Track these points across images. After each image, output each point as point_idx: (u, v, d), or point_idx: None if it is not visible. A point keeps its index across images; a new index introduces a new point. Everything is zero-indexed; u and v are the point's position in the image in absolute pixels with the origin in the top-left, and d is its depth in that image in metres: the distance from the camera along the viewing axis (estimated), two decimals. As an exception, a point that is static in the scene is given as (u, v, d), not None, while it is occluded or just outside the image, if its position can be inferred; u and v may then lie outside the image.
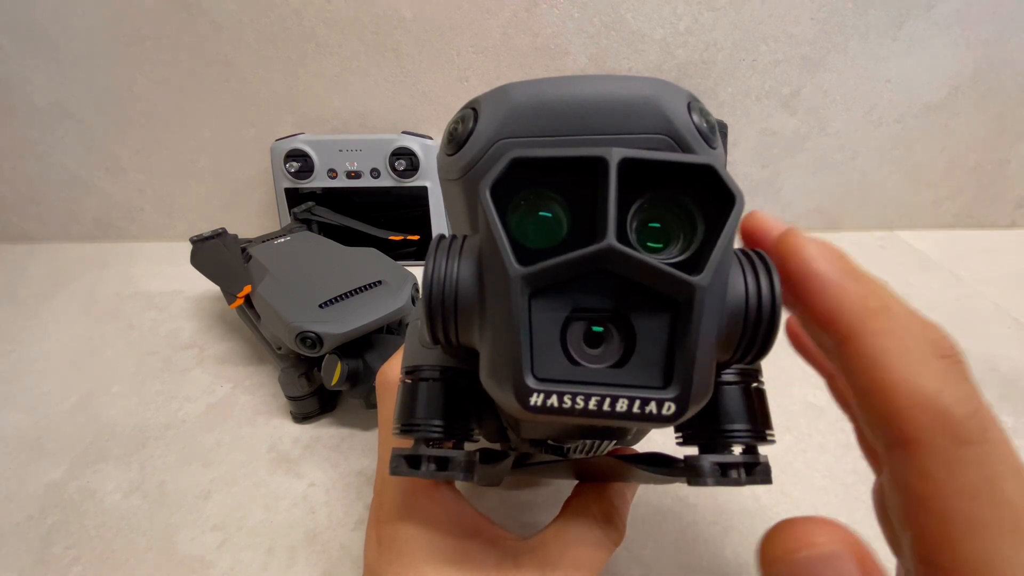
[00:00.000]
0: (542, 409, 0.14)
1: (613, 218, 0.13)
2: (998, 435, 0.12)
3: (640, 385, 0.14)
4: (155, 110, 0.59)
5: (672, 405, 0.13)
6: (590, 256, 0.14)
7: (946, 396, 0.12)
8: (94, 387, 0.42)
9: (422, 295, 0.16)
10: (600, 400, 0.14)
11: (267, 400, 0.40)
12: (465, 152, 0.17)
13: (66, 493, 0.33)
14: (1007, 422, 0.36)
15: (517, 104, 0.16)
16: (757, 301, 0.15)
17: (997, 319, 0.47)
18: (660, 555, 0.28)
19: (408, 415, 0.19)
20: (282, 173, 0.56)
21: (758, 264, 0.15)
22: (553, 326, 0.14)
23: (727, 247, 0.13)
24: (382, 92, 0.56)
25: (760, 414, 0.17)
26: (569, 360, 0.14)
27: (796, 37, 0.53)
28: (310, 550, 0.29)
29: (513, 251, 0.14)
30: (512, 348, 0.14)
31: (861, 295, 0.14)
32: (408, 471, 0.18)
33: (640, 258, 0.13)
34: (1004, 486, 0.12)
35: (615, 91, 0.16)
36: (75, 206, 0.65)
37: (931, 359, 0.13)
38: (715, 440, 0.17)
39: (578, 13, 0.52)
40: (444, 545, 0.20)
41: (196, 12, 0.53)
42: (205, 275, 0.44)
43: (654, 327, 0.14)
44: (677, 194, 0.14)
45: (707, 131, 0.16)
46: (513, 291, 0.14)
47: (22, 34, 0.55)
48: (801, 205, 0.63)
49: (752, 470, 0.16)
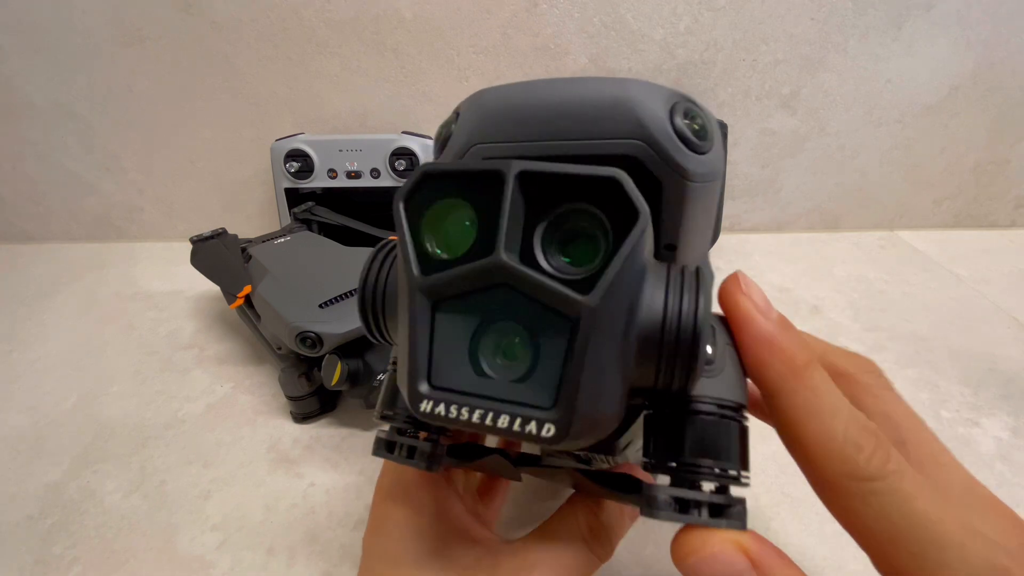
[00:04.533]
0: (430, 416, 0.14)
1: (505, 233, 0.13)
2: (895, 466, 0.15)
3: (529, 404, 0.14)
4: (155, 110, 0.59)
5: (552, 427, 0.13)
6: (481, 270, 0.14)
7: (848, 446, 0.15)
8: (94, 387, 0.42)
9: (357, 293, 0.17)
10: (484, 414, 0.14)
11: (267, 400, 0.40)
12: (445, 155, 0.17)
13: (66, 493, 0.33)
14: (1007, 422, 0.36)
15: (489, 110, 0.16)
16: (676, 321, 0.14)
17: (997, 319, 0.47)
18: (660, 555, 0.28)
19: (388, 404, 0.20)
20: (282, 173, 0.56)
21: (688, 282, 0.14)
22: (462, 336, 0.14)
23: (625, 265, 0.13)
24: (382, 92, 0.56)
25: (734, 452, 0.15)
26: (476, 369, 0.14)
27: (796, 37, 0.53)
28: (310, 550, 0.29)
29: (424, 260, 0.14)
30: (409, 354, 0.14)
31: (789, 351, 0.16)
32: (385, 454, 0.19)
33: (528, 274, 0.13)
34: (913, 505, 0.14)
35: (584, 94, 0.15)
36: (75, 206, 0.65)
37: (839, 408, 0.15)
38: (681, 473, 0.15)
39: (578, 13, 0.52)
40: (429, 534, 0.20)
41: (196, 12, 0.53)
42: (205, 275, 0.44)
43: (555, 345, 0.14)
44: (588, 207, 0.14)
45: (693, 135, 0.15)
46: (412, 299, 0.14)
47: (22, 34, 0.55)
48: (801, 205, 0.63)
49: (721, 511, 0.15)
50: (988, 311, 0.49)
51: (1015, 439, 0.35)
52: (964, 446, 0.34)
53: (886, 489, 0.14)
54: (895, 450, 0.15)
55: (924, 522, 0.14)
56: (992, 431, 0.35)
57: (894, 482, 0.14)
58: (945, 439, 0.18)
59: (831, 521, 0.16)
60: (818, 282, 0.54)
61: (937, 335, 0.45)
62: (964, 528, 0.14)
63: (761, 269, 0.57)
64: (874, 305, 0.50)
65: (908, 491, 0.14)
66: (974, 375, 0.40)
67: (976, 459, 0.33)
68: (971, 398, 0.38)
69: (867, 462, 0.15)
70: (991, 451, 0.34)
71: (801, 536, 0.29)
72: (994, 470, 0.33)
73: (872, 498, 0.14)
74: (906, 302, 0.50)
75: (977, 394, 0.39)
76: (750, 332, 0.16)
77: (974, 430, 0.35)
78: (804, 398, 0.15)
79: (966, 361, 0.42)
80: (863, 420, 0.15)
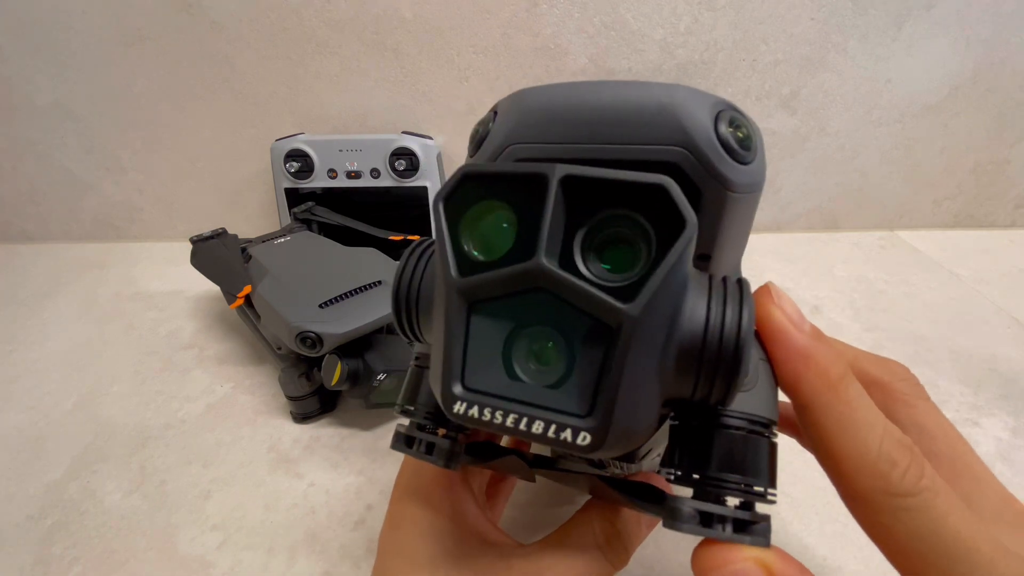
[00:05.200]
0: (463, 418, 0.14)
1: (546, 236, 0.13)
2: (929, 482, 0.15)
3: (563, 410, 0.14)
4: (155, 110, 0.59)
5: (588, 436, 0.13)
6: (520, 273, 0.13)
7: (883, 462, 0.15)
8: (94, 387, 0.42)
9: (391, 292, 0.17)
10: (518, 419, 0.14)
11: (267, 400, 0.40)
12: (481, 154, 0.17)
13: (66, 493, 0.33)
14: (1007, 422, 0.36)
15: (529, 109, 0.16)
16: (718, 333, 0.14)
17: (997, 319, 0.47)
18: (660, 555, 0.28)
19: (409, 399, 0.20)
20: (282, 173, 0.56)
21: (731, 292, 0.14)
22: (496, 339, 0.14)
23: (670, 274, 0.12)
24: (382, 92, 0.56)
25: (763, 469, 0.15)
26: (509, 373, 0.14)
27: (796, 37, 0.53)
28: (310, 550, 0.29)
29: (462, 261, 0.14)
30: (444, 355, 0.14)
31: (823, 364, 0.16)
32: (403, 448, 0.19)
33: (568, 280, 0.13)
34: (947, 523, 0.14)
35: (629, 98, 0.15)
36: (75, 206, 0.65)
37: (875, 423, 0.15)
38: (706, 486, 0.15)
39: (578, 13, 0.52)
40: (445, 534, 0.20)
41: (196, 12, 0.53)
42: (205, 275, 0.44)
43: (592, 352, 0.13)
44: (632, 213, 0.13)
45: (738, 145, 0.15)
46: (448, 299, 0.14)
47: (22, 34, 0.55)
48: (801, 205, 0.63)
49: (745, 527, 0.15)
50: (988, 311, 0.49)
51: (1015, 439, 0.35)
52: (964, 446, 0.34)
53: (919, 505, 0.14)
54: (929, 466, 0.15)
55: (955, 540, 0.14)
56: (992, 431, 0.35)
57: (927, 499, 0.14)
58: (945, 439, 0.18)
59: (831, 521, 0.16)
60: (818, 282, 0.54)
61: (937, 335, 0.45)
62: (995, 547, 0.14)
63: (761, 269, 0.57)
64: (874, 305, 0.50)
65: (941, 508, 0.14)
66: (974, 375, 0.40)
67: (976, 459, 0.33)
68: (971, 398, 0.38)
69: (901, 478, 0.14)
70: (991, 451, 0.34)
71: (801, 536, 0.29)
72: (994, 470, 0.32)
73: (904, 514, 0.14)
74: (906, 302, 0.50)
75: (977, 394, 0.39)
76: (784, 345, 0.16)
77: (974, 430, 0.35)
78: (839, 412, 0.15)
79: (966, 361, 0.42)
80: (898, 435, 0.15)
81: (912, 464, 0.15)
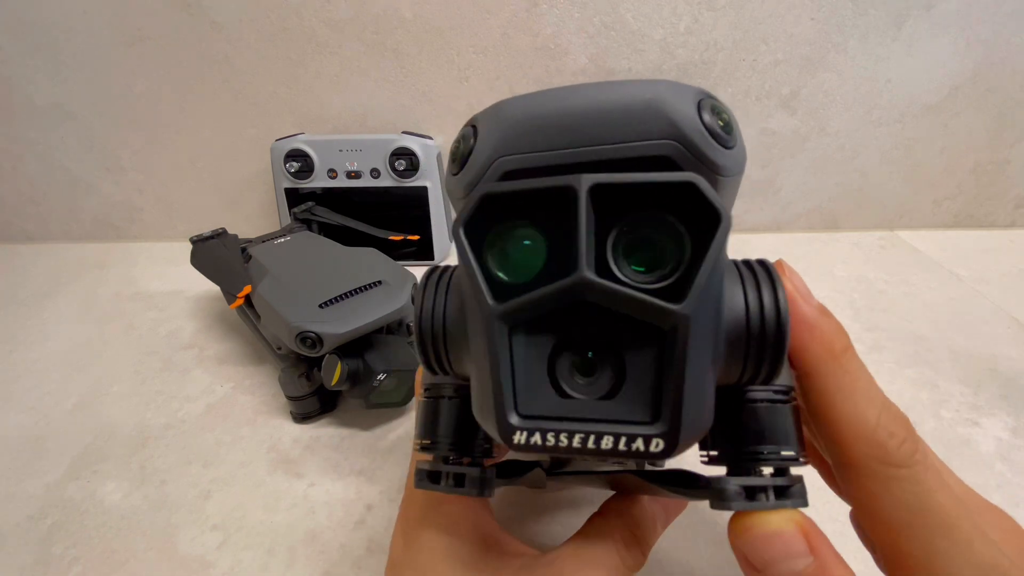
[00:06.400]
0: (526, 447, 0.14)
1: (584, 250, 0.13)
2: (923, 458, 0.15)
3: (627, 420, 0.13)
4: (155, 110, 0.59)
5: (660, 442, 0.13)
6: (565, 289, 0.13)
7: (881, 431, 0.15)
8: (94, 387, 0.42)
9: (414, 329, 0.16)
10: (584, 437, 0.13)
11: (267, 400, 0.40)
12: (467, 171, 0.17)
13: (66, 493, 0.33)
14: (1007, 422, 0.36)
15: (513, 120, 0.16)
16: (760, 316, 0.14)
17: (997, 319, 0.47)
18: (660, 555, 0.28)
19: (428, 432, 0.19)
20: (282, 173, 0.56)
21: (761, 275, 0.15)
22: (539, 359, 0.14)
23: (713, 269, 0.13)
24: (382, 92, 0.56)
25: (792, 434, 0.16)
26: (559, 392, 0.14)
27: (796, 37, 0.53)
28: (310, 550, 0.29)
29: (492, 286, 0.14)
30: (494, 386, 0.14)
31: (828, 335, 0.16)
32: (430, 485, 0.18)
33: (617, 289, 0.13)
34: (934, 497, 0.15)
35: (613, 98, 0.15)
36: (75, 206, 0.65)
37: (875, 395, 0.16)
38: (741, 461, 0.15)
39: (578, 13, 0.52)
40: (463, 552, 0.20)
41: (196, 12, 0.53)
42: (205, 275, 0.44)
43: (643, 357, 0.13)
44: (661, 214, 0.13)
45: (721, 131, 0.15)
46: (491, 329, 0.14)
47: (22, 34, 0.55)
48: (801, 205, 0.63)
49: (784, 492, 0.15)
50: (988, 311, 0.49)
51: (1015, 439, 0.35)
52: (964, 446, 0.34)
53: (910, 477, 0.15)
54: (923, 442, 0.16)
55: (939, 514, 0.15)
56: (992, 431, 0.35)
57: (919, 472, 0.15)
58: (945, 439, 0.18)
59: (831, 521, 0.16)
60: (818, 282, 0.54)
61: (937, 335, 0.45)
62: (974, 527, 0.15)
63: (761, 269, 0.57)
64: (874, 305, 0.50)
65: (930, 483, 0.15)
66: (974, 375, 0.40)
67: (976, 459, 0.33)
68: (971, 398, 0.38)
69: (897, 448, 0.15)
70: (991, 451, 0.34)
71: (801, 536, 0.29)
72: (994, 470, 0.33)
73: (895, 484, 0.15)
74: (906, 302, 0.50)
75: (977, 394, 0.39)
76: (793, 315, 0.16)
77: (974, 430, 0.35)
78: (841, 380, 0.16)
79: (966, 361, 0.42)
80: (896, 409, 0.16)
81: (908, 438, 0.15)
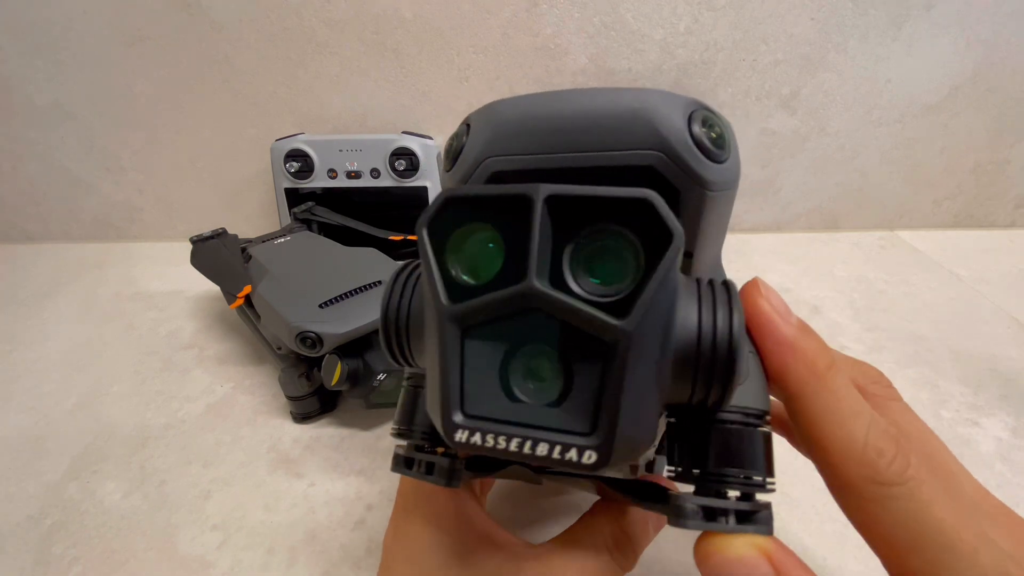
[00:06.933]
0: (466, 445, 0.14)
1: (536, 258, 0.13)
2: (915, 472, 0.15)
3: (567, 430, 0.13)
4: (155, 110, 0.59)
5: (593, 454, 0.13)
6: (514, 296, 0.13)
7: (870, 450, 0.15)
8: (94, 387, 0.42)
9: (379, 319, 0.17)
10: (521, 442, 0.13)
11: (267, 400, 0.40)
12: (458, 168, 0.17)
13: (66, 493, 0.33)
14: (1007, 422, 0.36)
15: (503, 121, 0.16)
16: (711, 337, 0.14)
17: (997, 319, 0.47)
18: (660, 555, 0.28)
19: (404, 420, 0.19)
20: (282, 173, 0.56)
21: (719, 296, 0.14)
22: (491, 361, 0.14)
23: (660, 286, 0.13)
24: (382, 92, 0.56)
25: (760, 460, 0.16)
26: (508, 395, 0.14)
27: (796, 37, 0.53)
28: (310, 550, 0.29)
29: (451, 286, 0.14)
30: (441, 383, 0.14)
31: (811, 355, 0.16)
32: (404, 471, 0.19)
33: (561, 300, 0.13)
34: (931, 512, 0.14)
35: (603, 105, 0.15)
36: (75, 206, 0.65)
37: (861, 413, 0.16)
38: (707, 482, 0.15)
39: (578, 13, 0.52)
40: (449, 543, 0.20)
41: (196, 12, 0.53)
42: (205, 275, 0.44)
43: (589, 368, 0.13)
44: (619, 228, 0.13)
45: (712, 144, 0.15)
46: (441, 327, 0.14)
47: (22, 34, 0.55)
48: (801, 205, 0.63)
49: (748, 517, 0.15)
50: (988, 311, 0.49)
51: (1015, 439, 0.35)
52: (964, 446, 0.34)
53: (905, 495, 0.15)
54: (915, 456, 0.15)
55: (940, 529, 0.14)
56: (992, 431, 0.35)
57: (913, 488, 0.15)
58: (945, 439, 0.18)
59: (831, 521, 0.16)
60: (818, 282, 0.54)
61: (937, 335, 0.45)
62: (977, 536, 0.14)
63: (761, 269, 0.57)
64: (874, 305, 0.50)
65: (926, 498, 0.15)
66: (974, 375, 0.40)
67: (976, 459, 0.33)
68: (971, 398, 0.38)
69: (888, 467, 0.15)
70: (991, 451, 0.34)
71: (801, 536, 0.29)
72: (994, 470, 0.33)
73: (891, 503, 0.15)
74: (906, 302, 0.50)
75: (977, 394, 0.39)
76: (772, 336, 0.16)
77: (974, 430, 0.35)
78: (826, 401, 0.16)
79: (966, 361, 0.42)
80: (884, 425, 0.16)
81: (899, 454, 0.15)
